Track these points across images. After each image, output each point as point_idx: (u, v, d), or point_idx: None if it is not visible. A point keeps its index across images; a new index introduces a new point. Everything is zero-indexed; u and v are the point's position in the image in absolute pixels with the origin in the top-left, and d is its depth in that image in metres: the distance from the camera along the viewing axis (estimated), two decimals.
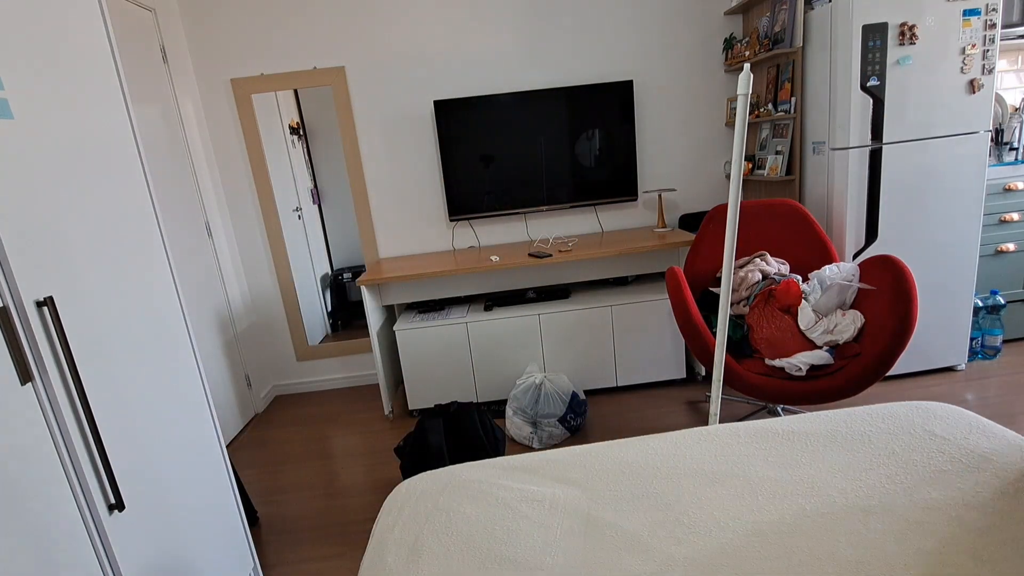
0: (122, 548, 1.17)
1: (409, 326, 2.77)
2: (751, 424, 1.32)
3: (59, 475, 1.05)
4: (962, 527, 0.93)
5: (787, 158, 2.67)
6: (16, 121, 1.04)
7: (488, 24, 2.96)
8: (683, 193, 3.21)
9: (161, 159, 2.58)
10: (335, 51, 2.96)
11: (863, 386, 1.91)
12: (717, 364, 1.61)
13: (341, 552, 1.94)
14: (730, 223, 1.51)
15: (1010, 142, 2.95)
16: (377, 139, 3.08)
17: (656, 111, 3.09)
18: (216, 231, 2.99)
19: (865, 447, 1.18)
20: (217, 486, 1.60)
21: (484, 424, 2.25)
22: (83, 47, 1.26)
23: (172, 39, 2.79)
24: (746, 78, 1.40)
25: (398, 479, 2.35)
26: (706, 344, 2.09)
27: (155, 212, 1.46)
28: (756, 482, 1.10)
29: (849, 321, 2.07)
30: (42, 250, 1.07)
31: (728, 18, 3.00)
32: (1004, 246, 2.73)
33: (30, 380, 1.01)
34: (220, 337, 2.91)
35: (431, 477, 1.27)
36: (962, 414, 1.25)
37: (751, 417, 2.46)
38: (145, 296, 1.38)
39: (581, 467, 1.23)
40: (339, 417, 3.03)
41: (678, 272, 2.23)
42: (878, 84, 2.29)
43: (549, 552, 0.98)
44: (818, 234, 2.40)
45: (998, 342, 2.71)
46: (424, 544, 1.03)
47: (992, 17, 2.26)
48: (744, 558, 0.92)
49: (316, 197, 3.98)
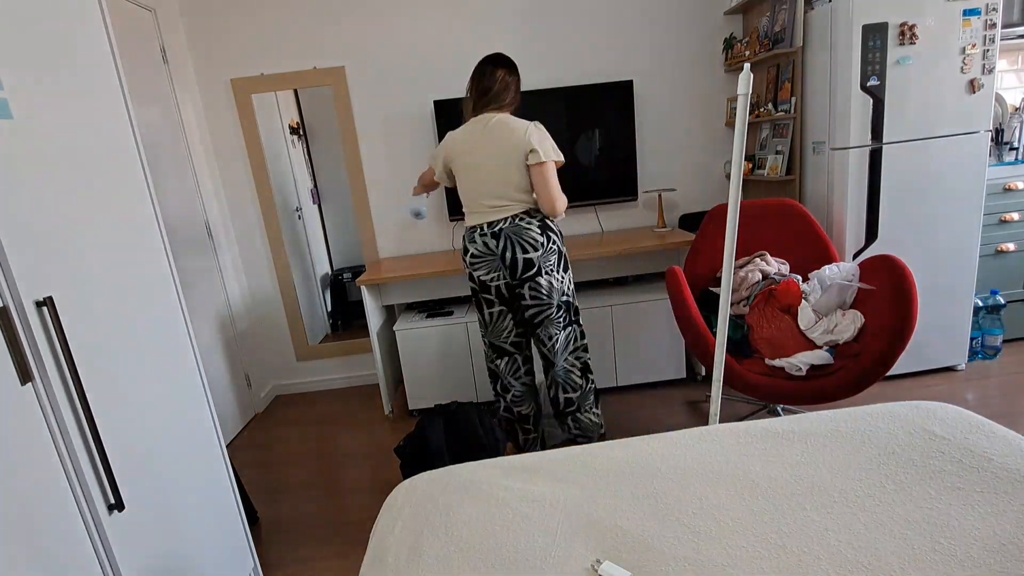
0: (122, 548, 1.17)
1: (409, 326, 2.77)
2: (751, 424, 1.32)
3: (59, 475, 1.05)
4: (962, 527, 0.93)
5: (787, 158, 2.67)
6: (16, 121, 1.04)
7: (488, 24, 2.96)
8: (683, 193, 3.21)
9: (161, 159, 2.58)
10: (335, 51, 2.96)
11: (863, 386, 1.91)
12: (717, 364, 1.61)
13: (341, 552, 1.94)
14: (730, 223, 1.51)
15: (1010, 142, 2.95)
16: (377, 139, 3.08)
17: (656, 111, 3.09)
18: (216, 231, 2.99)
19: (865, 447, 1.18)
20: (217, 486, 1.60)
21: (484, 424, 2.25)
22: (83, 47, 1.26)
23: (172, 39, 2.79)
24: (746, 78, 1.40)
25: (398, 479, 2.35)
26: (706, 344, 2.09)
27: (155, 212, 1.46)
28: (756, 482, 1.10)
29: (849, 321, 2.07)
30: (42, 250, 1.07)
31: (728, 18, 3.00)
32: (1004, 246, 2.73)
33: (30, 380, 1.01)
34: (220, 337, 2.91)
35: (431, 477, 1.27)
36: (962, 414, 1.25)
37: (751, 417, 2.45)
38: (145, 296, 1.38)
39: (581, 467, 1.23)
40: (339, 417, 3.03)
41: (678, 272, 2.23)
42: (878, 84, 2.29)
43: (549, 552, 0.98)
44: (818, 234, 2.40)
45: (998, 342, 2.71)
46: (424, 544, 1.03)
47: (992, 17, 2.26)
48: (744, 558, 0.92)
49: (316, 197, 3.98)
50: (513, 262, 1.98)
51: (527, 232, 1.97)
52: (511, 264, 1.99)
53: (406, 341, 2.78)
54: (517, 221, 1.98)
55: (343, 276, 4.04)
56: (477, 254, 2.04)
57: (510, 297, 2.10)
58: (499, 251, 1.99)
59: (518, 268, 1.98)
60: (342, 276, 4.05)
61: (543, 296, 2.01)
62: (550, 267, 2.00)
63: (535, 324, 2.08)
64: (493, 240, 1.99)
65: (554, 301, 2.03)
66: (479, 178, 2.00)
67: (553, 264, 2.00)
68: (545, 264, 1.98)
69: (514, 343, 2.19)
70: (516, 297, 2.08)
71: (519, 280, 2.01)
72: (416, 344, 2.78)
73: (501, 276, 2.04)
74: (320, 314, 3.79)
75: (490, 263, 2.03)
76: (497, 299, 2.10)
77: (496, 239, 1.98)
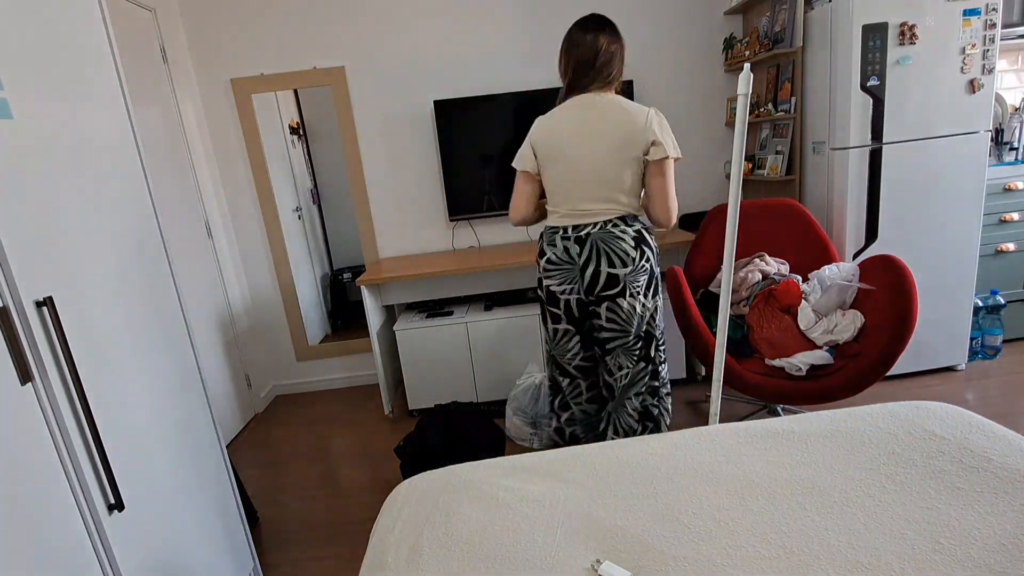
0: (122, 548, 1.17)
1: (409, 326, 2.77)
2: (751, 424, 1.32)
3: (59, 475, 1.05)
4: (962, 527, 0.93)
5: (787, 158, 2.67)
6: (16, 121, 1.04)
7: (488, 24, 2.96)
8: (683, 193, 3.20)
9: (161, 159, 2.58)
10: (335, 51, 2.96)
11: (863, 386, 1.91)
12: (717, 364, 1.61)
13: (341, 552, 1.94)
14: (730, 223, 1.51)
15: (1010, 142, 2.95)
16: (377, 139, 3.08)
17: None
18: (216, 231, 2.99)
19: (865, 447, 1.18)
20: (217, 486, 1.60)
21: (484, 424, 2.25)
22: (83, 47, 1.26)
23: (172, 39, 2.79)
24: (746, 78, 1.40)
25: (398, 479, 2.35)
26: (706, 344, 2.09)
27: (155, 212, 1.46)
28: (756, 482, 1.10)
29: (849, 321, 2.07)
30: (42, 250, 1.07)
31: (728, 18, 3.00)
32: (1004, 246, 2.73)
33: (30, 380, 1.01)
34: (220, 337, 2.91)
35: (431, 477, 1.27)
36: (962, 414, 1.25)
37: (751, 417, 2.45)
38: (145, 296, 1.38)
39: (581, 467, 1.23)
40: (339, 417, 3.03)
41: (678, 272, 2.23)
42: (878, 84, 2.29)
43: (549, 552, 0.98)
44: (818, 234, 2.40)
45: (998, 342, 2.71)
46: (424, 544, 1.03)
47: (992, 17, 2.26)
48: (744, 558, 0.92)
49: (316, 197, 3.98)
50: (595, 275, 1.66)
51: (619, 243, 1.65)
52: (591, 278, 1.67)
53: (406, 341, 2.78)
54: (610, 228, 1.66)
55: (343, 276, 4.04)
56: (555, 260, 1.72)
57: (580, 316, 1.77)
58: (580, 261, 1.68)
59: (599, 283, 1.67)
60: (342, 276, 4.05)
61: (621, 322, 1.70)
62: (637, 288, 1.68)
63: (606, 351, 1.78)
64: (576, 247, 1.68)
65: (633, 330, 1.72)
66: (579, 171, 1.66)
67: (642, 286, 1.68)
68: (632, 284, 1.67)
69: (579, 367, 1.87)
70: (589, 315, 1.77)
71: (596, 297, 1.70)
72: (416, 344, 2.78)
73: (576, 290, 1.72)
74: (320, 314, 3.79)
75: (566, 273, 1.71)
76: (565, 316, 1.78)
77: (580, 245, 1.67)
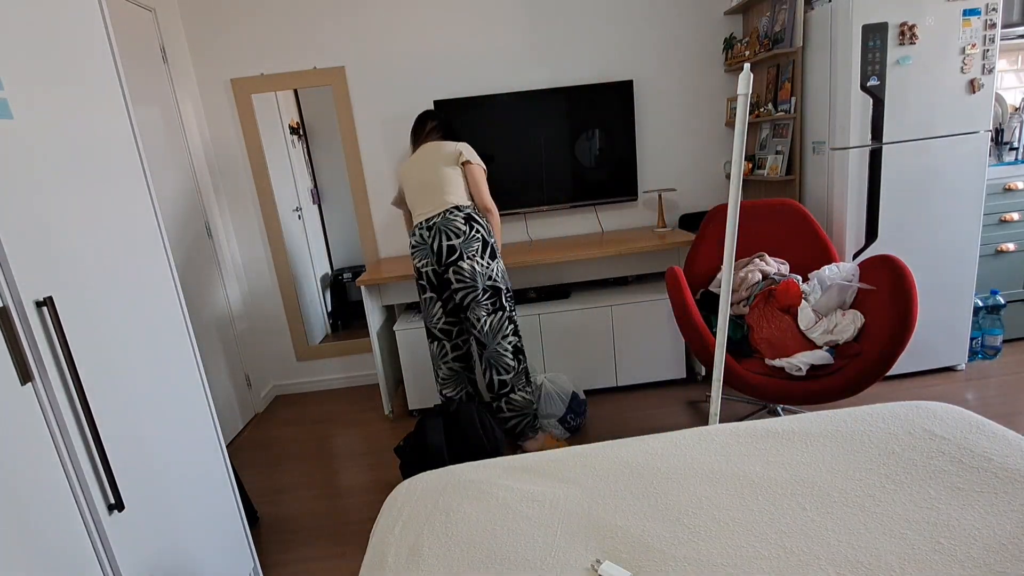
0: (122, 548, 1.17)
1: (409, 326, 2.77)
2: (751, 424, 1.32)
3: (59, 475, 1.05)
4: (962, 527, 0.93)
5: (787, 158, 2.67)
6: (16, 121, 1.04)
7: (488, 24, 2.96)
8: (683, 193, 3.21)
9: (161, 159, 2.58)
10: (335, 51, 2.96)
11: (863, 386, 1.91)
12: (717, 364, 1.61)
13: (341, 552, 1.94)
14: (730, 223, 1.51)
15: (1010, 142, 2.95)
16: (377, 139, 3.08)
17: (656, 111, 3.09)
18: (216, 231, 2.99)
19: (865, 447, 1.18)
20: (217, 486, 1.60)
21: (484, 424, 2.25)
22: (83, 47, 1.26)
23: (172, 39, 2.79)
24: (746, 78, 1.40)
25: (398, 479, 2.35)
26: (706, 344, 2.09)
27: (155, 212, 1.46)
28: (756, 482, 1.10)
29: (849, 321, 2.07)
30: (42, 250, 1.07)
31: (728, 18, 3.00)
32: (1004, 246, 2.73)
33: (30, 380, 1.01)
34: (220, 337, 2.91)
35: (431, 477, 1.27)
36: (962, 414, 1.25)
37: (751, 417, 2.46)
38: (145, 296, 1.38)
39: (581, 467, 1.23)
40: (339, 417, 3.03)
41: (678, 272, 2.23)
42: (878, 84, 2.29)
43: (549, 552, 0.98)
44: (818, 234, 2.40)
45: (998, 342, 2.71)
46: (424, 544, 1.03)
47: (992, 17, 2.26)
48: (744, 558, 0.92)
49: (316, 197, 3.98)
50: (439, 248, 2.22)
51: (453, 223, 2.21)
52: (438, 251, 2.23)
53: (406, 341, 2.78)
54: (447, 215, 2.22)
55: (343, 276, 4.04)
56: (415, 244, 2.31)
57: (439, 284, 2.30)
58: (429, 240, 2.25)
59: (443, 253, 2.22)
60: (342, 276, 4.04)
61: (466, 279, 2.21)
62: (472, 252, 2.21)
63: (464, 307, 2.27)
64: (427, 232, 2.26)
65: (479, 284, 2.22)
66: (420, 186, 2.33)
67: (476, 251, 2.21)
68: (467, 250, 2.20)
69: (443, 329, 2.39)
70: (445, 283, 2.29)
71: (444, 266, 2.23)
72: (416, 344, 2.78)
73: (431, 263, 2.27)
74: (320, 314, 3.79)
75: (423, 251, 2.27)
76: (428, 285, 2.32)
77: (430, 231, 2.25)
